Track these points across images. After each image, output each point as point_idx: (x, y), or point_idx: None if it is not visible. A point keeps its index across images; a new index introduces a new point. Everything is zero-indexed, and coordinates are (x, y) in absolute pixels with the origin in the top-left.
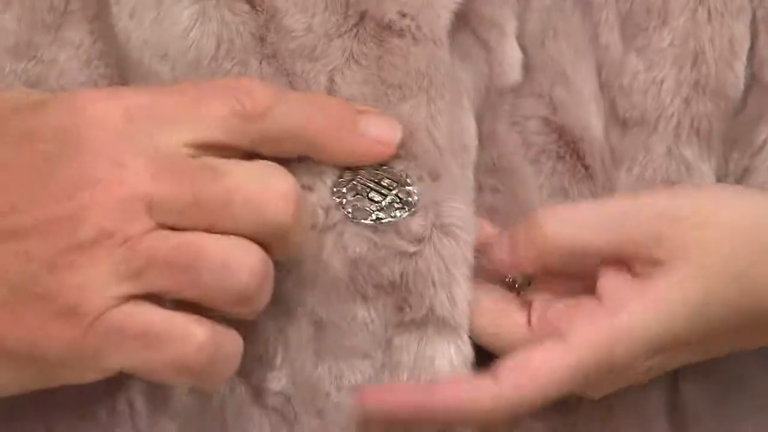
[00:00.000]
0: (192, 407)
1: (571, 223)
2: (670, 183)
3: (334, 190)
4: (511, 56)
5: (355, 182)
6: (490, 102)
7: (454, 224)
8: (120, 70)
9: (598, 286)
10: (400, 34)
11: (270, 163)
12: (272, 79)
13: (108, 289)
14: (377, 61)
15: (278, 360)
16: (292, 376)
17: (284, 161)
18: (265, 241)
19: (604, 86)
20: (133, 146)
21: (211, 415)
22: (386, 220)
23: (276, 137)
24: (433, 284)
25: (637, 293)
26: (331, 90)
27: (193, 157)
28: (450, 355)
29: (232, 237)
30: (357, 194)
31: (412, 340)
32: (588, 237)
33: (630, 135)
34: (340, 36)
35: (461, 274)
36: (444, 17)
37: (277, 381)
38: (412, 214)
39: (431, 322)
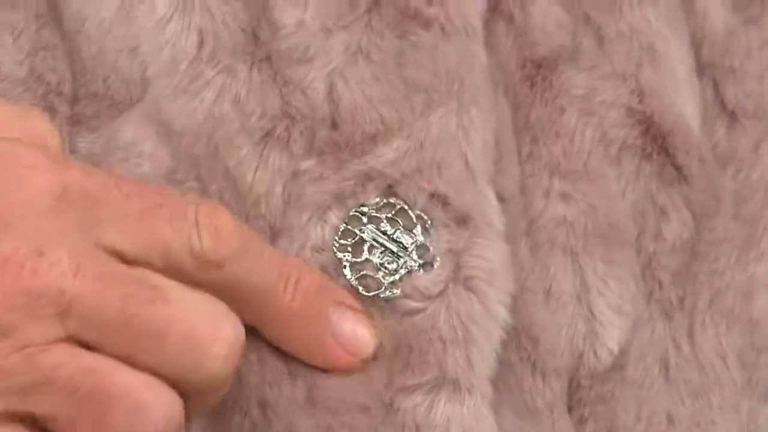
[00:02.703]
0: None
1: None
2: None
3: (337, 242)
4: (542, 20)
5: (363, 235)
6: (531, 79)
7: (478, 277)
8: (70, 65)
9: None
10: (427, 24)
11: (219, 301)
12: (262, 89)
13: None
14: (396, 57)
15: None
16: None
17: None
18: (185, 389)
19: (706, 67)
20: (61, 232)
21: None
22: (396, 294)
23: (225, 292)
24: (443, 342)
25: None
26: (331, 99)
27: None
28: (464, 422)
29: (150, 376)
30: (364, 253)
31: (420, 404)
32: None
33: (739, 129)
34: (343, 28)
35: (483, 333)
36: (480, 1)
37: None
38: (427, 271)
39: (444, 385)
